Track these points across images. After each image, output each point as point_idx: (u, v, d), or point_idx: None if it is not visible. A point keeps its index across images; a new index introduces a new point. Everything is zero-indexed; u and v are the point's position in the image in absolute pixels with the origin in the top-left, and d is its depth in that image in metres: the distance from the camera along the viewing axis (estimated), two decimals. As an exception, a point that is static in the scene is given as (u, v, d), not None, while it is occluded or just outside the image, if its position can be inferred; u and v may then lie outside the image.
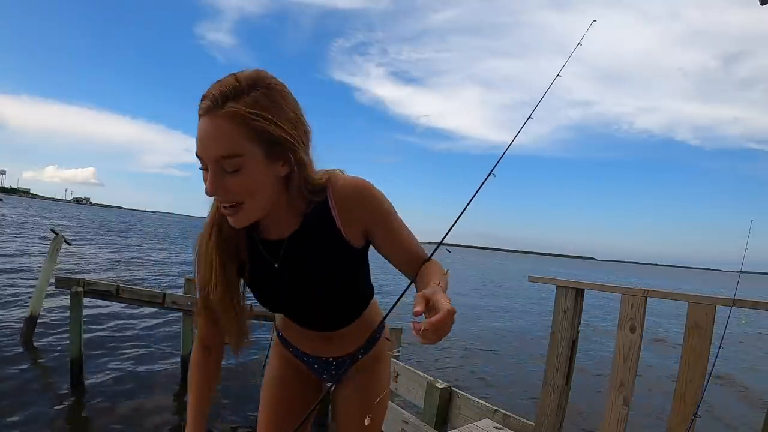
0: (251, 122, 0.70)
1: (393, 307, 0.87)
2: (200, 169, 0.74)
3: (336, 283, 0.92)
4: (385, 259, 0.91)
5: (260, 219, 0.83)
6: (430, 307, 0.64)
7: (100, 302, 6.14)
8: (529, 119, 1.02)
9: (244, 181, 0.73)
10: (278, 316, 1.11)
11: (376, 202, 0.85)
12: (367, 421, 0.85)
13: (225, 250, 0.86)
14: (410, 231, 0.91)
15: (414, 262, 0.88)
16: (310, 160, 0.81)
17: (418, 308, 0.63)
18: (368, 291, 1.04)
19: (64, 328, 5.35)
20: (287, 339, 1.10)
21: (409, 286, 0.85)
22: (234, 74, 0.73)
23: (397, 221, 0.89)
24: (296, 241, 0.87)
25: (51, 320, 6.26)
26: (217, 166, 0.72)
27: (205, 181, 0.74)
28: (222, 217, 0.83)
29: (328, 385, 1.12)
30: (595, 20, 1.19)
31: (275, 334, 1.15)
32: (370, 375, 1.10)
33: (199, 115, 0.72)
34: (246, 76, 0.72)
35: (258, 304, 0.98)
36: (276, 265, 0.89)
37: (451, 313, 0.62)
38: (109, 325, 6.62)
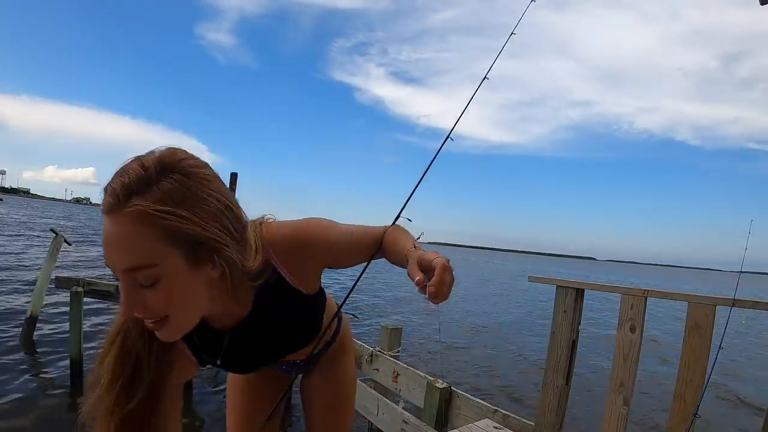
0: (163, 222, 0.56)
1: (348, 294, 0.92)
2: (116, 279, 0.59)
3: (299, 334, 0.89)
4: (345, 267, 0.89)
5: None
6: (425, 268, 0.67)
7: (100, 302, 6.14)
8: (485, 79, 1.04)
9: (164, 294, 0.59)
10: None
11: (321, 243, 0.78)
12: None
13: (130, 365, 0.70)
14: (357, 229, 0.85)
15: (372, 246, 0.85)
16: (243, 252, 0.67)
17: (419, 277, 0.65)
18: (323, 303, 0.94)
19: (64, 328, 5.35)
20: None
21: (360, 275, 0.88)
22: (140, 159, 0.59)
23: (345, 240, 0.82)
24: (247, 326, 0.79)
25: (51, 320, 6.26)
26: (129, 278, 0.58)
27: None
28: (131, 325, 0.70)
29: (294, 375, 1.12)
30: None
31: None
32: (337, 365, 1.11)
33: (102, 213, 0.57)
34: (155, 160, 0.59)
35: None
36: (219, 363, 0.82)
37: (445, 266, 0.64)
38: (109, 325, 6.61)
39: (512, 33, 1.13)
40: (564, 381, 2.21)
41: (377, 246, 0.85)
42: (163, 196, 0.57)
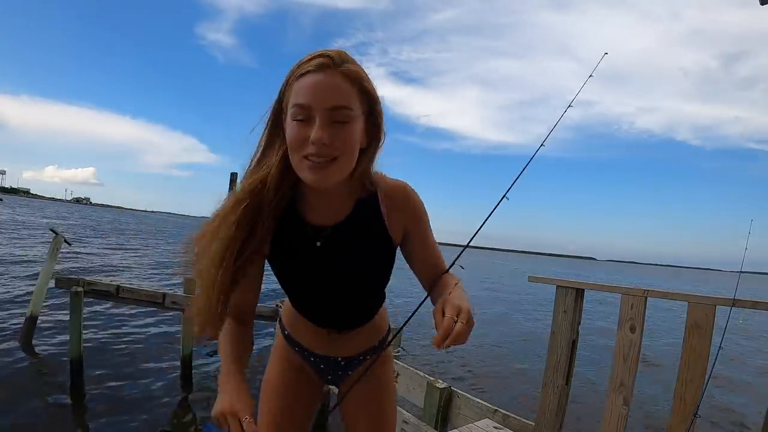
0: (362, 83, 0.79)
1: (410, 317, 0.97)
2: (296, 120, 0.76)
3: (370, 274, 0.95)
4: (409, 263, 0.98)
5: (311, 199, 0.87)
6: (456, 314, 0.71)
7: (100, 302, 6.15)
8: (542, 146, 1.08)
9: (347, 134, 0.77)
10: (287, 313, 1.10)
11: (419, 206, 0.93)
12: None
13: (250, 223, 0.81)
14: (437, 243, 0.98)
15: (434, 269, 0.96)
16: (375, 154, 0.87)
17: (437, 336, 0.69)
18: (384, 293, 1.06)
19: (63, 328, 5.34)
20: (294, 338, 1.09)
21: (424, 299, 0.93)
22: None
23: (430, 230, 0.96)
24: (343, 228, 0.89)
25: (51, 320, 6.26)
26: (328, 115, 0.75)
27: (299, 133, 0.76)
28: (261, 188, 0.81)
29: (337, 391, 1.13)
30: (606, 53, 1.24)
31: (281, 333, 1.14)
32: (377, 375, 1.10)
33: (307, 72, 0.76)
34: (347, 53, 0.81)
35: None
36: (318, 244, 0.89)
37: (465, 326, 0.69)
38: (109, 325, 6.61)
39: (569, 105, 1.17)
40: (564, 381, 2.22)
41: (440, 273, 0.95)
42: (363, 70, 0.80)
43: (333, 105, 0.75)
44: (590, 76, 1.21)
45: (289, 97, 0.78)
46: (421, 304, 0.92)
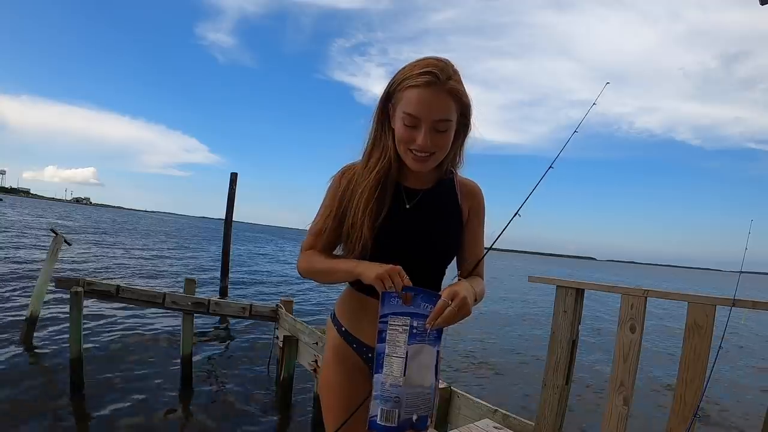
0: (461, 99, 0.96)
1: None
2: (405, 124, 0.95)
3: (445, 241, 1.08)
4: (457, 253, 1.12)
5: (407, 170, 1.05)
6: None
7: (100, 302, 6.15)
8: (551, 168, 1.16)
9: (445, 140, 0.97)
10: (348, 307, 1.13)
11: (482, 200, 1.14)
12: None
13: (378, 197, 1.02)
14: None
15: (473, 260, 1.10)
16: (462, 148, 1.08)
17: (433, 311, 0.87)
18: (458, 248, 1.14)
19: (63, 328, 5.35)
20: (353, 333, 1.11)
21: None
22: (439, 57, 0.95)
23: (483, 226, 1.14)
24: (428, 194, 1.09)
25: (51, 320, 6.26)
26: (432, 125, 0.94)
27: (407, 135, 0.96)
28: (388, 171, 1.02)
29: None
30: (608, 82, 1.33)
31: (335, 331, 1.15)
32: None
33: (417, 85, 0.92)
34: (450, 61, 0.96)
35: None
36: (408, 206, 1.07)
37: (451, 315, 0.85)
38: (109, 325, 6.61)
39: (575, 131, 1.24)
40: (564, 381, 2.21)
41: (473, 265, 1.10)
42: (462, 84, 0.95)
43: (437, 118, 0.93)
44: (594, 104, 1.29)
45: (398, 99, 0.96)
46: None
